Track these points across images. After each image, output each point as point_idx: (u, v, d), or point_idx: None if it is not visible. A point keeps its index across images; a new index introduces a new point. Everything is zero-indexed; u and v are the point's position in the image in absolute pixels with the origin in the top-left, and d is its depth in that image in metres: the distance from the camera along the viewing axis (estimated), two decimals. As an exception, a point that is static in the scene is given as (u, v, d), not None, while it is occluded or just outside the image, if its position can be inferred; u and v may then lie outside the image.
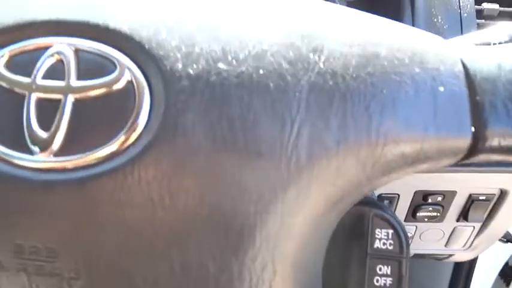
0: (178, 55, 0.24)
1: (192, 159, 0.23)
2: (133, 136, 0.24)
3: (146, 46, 0.24)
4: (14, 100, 0.24)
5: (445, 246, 0.65)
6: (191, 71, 0.24)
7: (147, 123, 0.24)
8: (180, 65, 0.24)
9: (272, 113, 0.23)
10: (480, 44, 0.37)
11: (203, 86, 0.24)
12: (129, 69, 0.24)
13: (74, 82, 0.24)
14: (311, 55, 0.25)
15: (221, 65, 0.24)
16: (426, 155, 0.24)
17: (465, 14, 0.69)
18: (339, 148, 0.23)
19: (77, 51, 0.25)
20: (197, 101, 0.23)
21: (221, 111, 0.23)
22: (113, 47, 0.25)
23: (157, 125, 0.23)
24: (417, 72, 0.24)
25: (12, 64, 0.25)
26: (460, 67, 0.25)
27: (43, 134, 0.24)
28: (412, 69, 0.24)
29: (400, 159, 0.24)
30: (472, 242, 0.65)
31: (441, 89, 0.24)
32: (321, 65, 0.24)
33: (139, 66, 0.25)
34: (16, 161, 0.24)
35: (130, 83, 0.24)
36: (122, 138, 0.24)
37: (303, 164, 0.23)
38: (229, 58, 0.24)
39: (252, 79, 0.24)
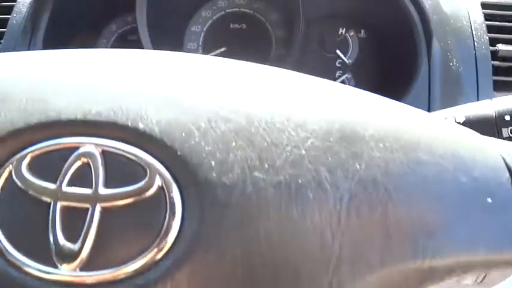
0: (213, 162, 0.23)
1: (226, 277, 0.22)
2: (165, 249, 0.22)
3: (178, 151, 0.23)
4: (38, 207, 0.23)
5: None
6: (226, 181, 0.23)
7: (178, 235, 0.23)
8: (214, 174, 0.23)
9: (312, 226, 0.22)
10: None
11: (239, 197, 0.22)
12: (160, 175, 0.23)
13: (102, 190, 0.23)
14: (351, 161, 0.23)
15: (257, 174, 0.23)
16: (473, 268, 0.23)
17: (480, 57, 0.69)
18: (384, 266, 0.22)
19: (105, 154, 0.24)
20: (232, 214, 0.22)
21: (258, 225, 0.22)
22: (143, 150, 0.24)
23: (190, 239, 0.22)
24: (463, 182, 0.23)
25: (36, 166, 0.24)
26: (507, 174, 0.24)
27: (69, 246, 0.22)
28: (457, 179, 0.23)
29: (446, 273, 0.23)
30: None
31: (489, 200, 0.23)
32: (362, 173, 0.23)
33: (170, 172, 0.23)
34: (39, 274, 0.22)
35: (161, 189, 0.23)
36: (153, 251, 0.22)
37: (345, 284, 0.21)
38: (266, 166, 0.23)
39: (290, 189, 0.23)
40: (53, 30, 0.73)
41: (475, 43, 0.70)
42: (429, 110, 0.68)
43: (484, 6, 0.74)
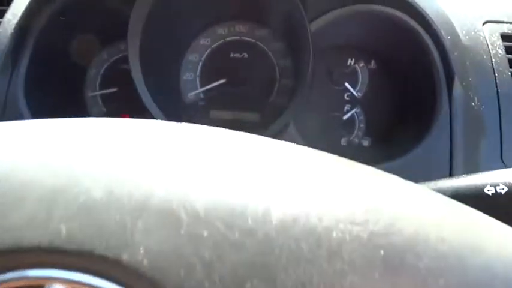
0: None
1: None
2: None
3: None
4: None
5: None
6: None
7: None
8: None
9: None
10: None
11: None
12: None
13: None
14: None
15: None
16: None
17: (503, 94, 0.63)
18: None
19: (77, 295, 0.18)
20: None
21: None
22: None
23: None
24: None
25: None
26: None
27: None
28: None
29: None
30: None
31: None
32: None
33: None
34: None
35: None
36: None
37: None
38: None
39: None
40: (36, 65, 0.68)
41: (497, 80, 0.65)
42: (451, 150, 0.62)
43: (505, 38, 0.69)
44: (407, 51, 0.69)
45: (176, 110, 0.81)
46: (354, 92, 0.80)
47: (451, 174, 0.63)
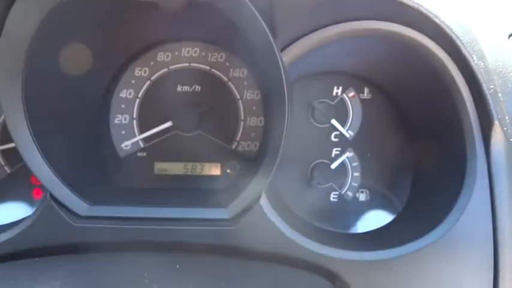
0: None
1: None
2: None
3: None
4: None
5: None
6: None
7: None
8: None
9: None
10: None
11: None
12: None
13: None
14: None
15: None
16: None
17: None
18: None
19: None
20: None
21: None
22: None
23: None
24: None
25: None
26: None
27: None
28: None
29: None
30: None
31: None
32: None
33: None
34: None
35: None
36: None
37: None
38: None
39: None
40: None
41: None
42: (494, 216, 0.44)
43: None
44: (419, 78, 0.49)
45: (107, 166, 0.59)
46: (344, 132, 0.61)
47: (495, 250, 0.44)
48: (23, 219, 0.51)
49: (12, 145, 0.61)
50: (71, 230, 0.44)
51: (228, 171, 0.60)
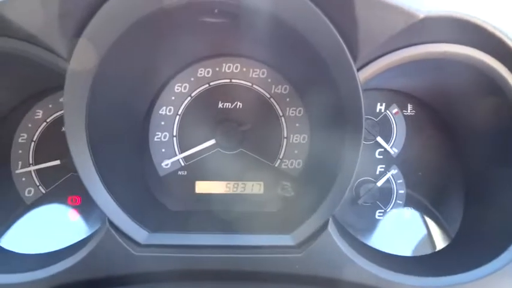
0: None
1: None
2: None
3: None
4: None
5: None
6: None
7: None
8: None
9: None
10: None
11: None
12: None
13: None
14: None
15: None
16: None
17: None
18: None
19: None
20: None
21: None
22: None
23: None
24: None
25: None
26: None
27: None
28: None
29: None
30: None
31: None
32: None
33: None
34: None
35: None
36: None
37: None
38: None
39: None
40: None
41: None
42: None
43: None
44: (480, 101, 0.49)
45: (147, 185, 0.57)
46: (389, 148, 0.60)
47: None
48: (72, 246, 0.49)
49: (46, 165, 0.59)
50: (132, 259, 0.42)
51: (280, 191, 0.59)
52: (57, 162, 0.59)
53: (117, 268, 0.42)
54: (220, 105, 0.60)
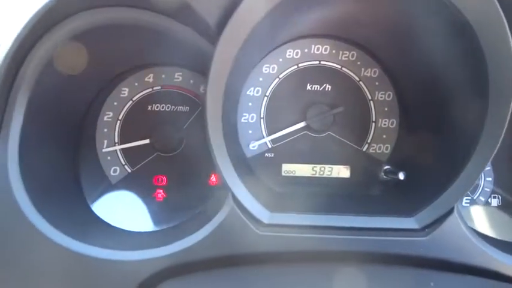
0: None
1: None
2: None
3: None
4: None
5: None
6: None
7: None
8: None
9: None
10: None
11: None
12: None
13: None
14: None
15: None
16: None
17: None
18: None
19: None
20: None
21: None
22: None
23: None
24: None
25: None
26: None
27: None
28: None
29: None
30: None
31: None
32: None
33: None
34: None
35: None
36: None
37: None
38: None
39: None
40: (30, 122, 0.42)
41: None
42: None
43: None
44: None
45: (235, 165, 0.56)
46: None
47: None
48: (173, 227, 0.48)
49: (132, 144, 0.58)
50: (255, 239, 0.42)
51: (384, 175, 0.58)
52: (147, 141, 0.57)
53: (241, 247, 0.42)
54: (308, 87, 0.59)
